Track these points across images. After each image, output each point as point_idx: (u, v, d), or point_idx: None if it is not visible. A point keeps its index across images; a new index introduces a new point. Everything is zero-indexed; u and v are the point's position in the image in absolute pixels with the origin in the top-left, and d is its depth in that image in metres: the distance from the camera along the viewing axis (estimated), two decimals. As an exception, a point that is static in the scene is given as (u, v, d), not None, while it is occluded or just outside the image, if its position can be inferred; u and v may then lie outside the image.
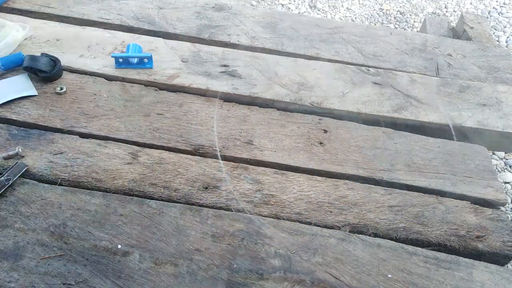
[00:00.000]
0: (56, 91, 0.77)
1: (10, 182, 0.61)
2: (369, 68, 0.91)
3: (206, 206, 0.62)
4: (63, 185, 0.63)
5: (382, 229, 0.62)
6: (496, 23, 2.30)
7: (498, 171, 1.57)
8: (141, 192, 0.63)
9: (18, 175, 0.62)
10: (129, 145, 0.70)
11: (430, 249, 0.60)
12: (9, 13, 0.94)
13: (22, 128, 0.70)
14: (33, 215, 0.58)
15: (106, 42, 0.89)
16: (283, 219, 0.62)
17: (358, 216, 0.63)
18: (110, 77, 0.82)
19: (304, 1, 2.36)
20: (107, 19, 0.97)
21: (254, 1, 2.33)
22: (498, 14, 2.38)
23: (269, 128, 0.75)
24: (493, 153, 1.60)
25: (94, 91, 0.78)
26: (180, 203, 0.62)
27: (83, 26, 0.93)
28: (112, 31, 0.93)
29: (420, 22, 2.27)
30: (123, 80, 0.82)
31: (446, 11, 2.40)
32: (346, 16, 2.31)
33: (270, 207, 0.63)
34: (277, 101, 0.81)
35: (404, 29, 2.23)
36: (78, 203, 0.60)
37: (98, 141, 0.70)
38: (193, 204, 0.63)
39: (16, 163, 0.64)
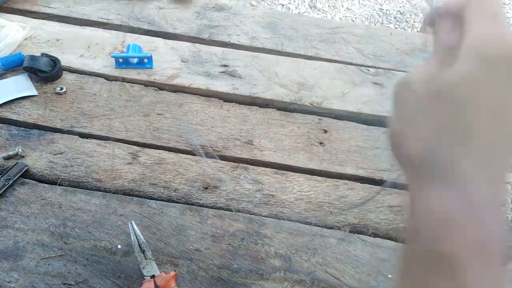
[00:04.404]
0: (56, 91, 0.77)
1: (10, 182, 0.61)
2: (369, 68, 0.91)
3: (206, 206, 0.62)
4: (63, 185, 0.63)
5: (382, 229, 0.62)
6: (496, 23, 2.30)
7: (498, 171, 1.57)
8: (141, 192, 0.63)
9: (18, 175, 0.62)
10: (129, 145, 0.70)
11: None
12: (9, 13, 0.94)
13: (22, 128, 0.70)
14: (33, 215, 0.58)
15: (106, 42, 0.89)
16: (283, 219, 0.62)
17: (358, 216, 0.63)
18: (110, 77, 0.82)
19: (304, 1, 2.36)
20: (107, 19, 0.97)
21: (254, 1, 2.33)
22: (498, 14, 2.38)
23: (269, 128, 0.75)
24: (493, 153, 1.60)
25: (94, 91, 0.78)
26: (180, 203, 0.62)
27: (83, 26, 0.93)
28: (112, 31, 0.93)
29: (420, 22, 2.27)
30: (123, 80, 0.82)
31: (446, 11, 2.40)
32: (346, 16, 2.31)
33: (270, 207, 0.63)
34: (277, 101, 0.81)
35: (404, 29, 2.23)
36: (78, 203, 0.60)
37: (98, 141, 0.70)
38: (193, 204, 0.63)
39: (16, 163, 0.64)
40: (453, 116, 0.22)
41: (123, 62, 0.83)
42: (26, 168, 0.63)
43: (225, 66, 0.87)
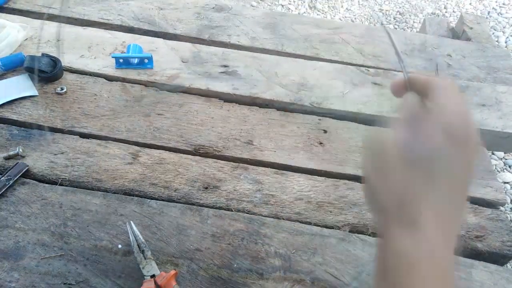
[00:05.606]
0: (57, 91, 0.77)
1: (11, 182, 0.61)
2: (369, 69, 0.91)
3: (206, 206, 0.63)
4: (63, 185, 0.63)
5: (382, 229, 0.62)
6: (496, 24, 2.30)
7: (498, 171, 1.57)
8: (142, 192, 0.63)
9: (19, 175, 0.62)
10: (129, 145, 0.70)
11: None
12: (10, 13, 0.94)
13: (22, 128, 0.70)
14: (34, 215, 0.58)
15: (107, 43, 0.89)
16: (283, 219, 0.62)
17: (358, 216, 0.63)
18: (111, 78, 0.82)
19: (304, 2, 2.36)
20: (108, 20, 0.97)
21: (254, 1, 2.34)
22: (498, 14, 2.38)
23: (269, 128, 0.76)
24: (493, 153, 1.61)
25: (95, 91, 0.78)
26: (180, 203, 0.63)
27: (84, 27, 0.93)
28: (113, 31, 0.93)
29: (419, 22, 2.28)
30: (123, 80, 0.82)
31: (446, 12, 2.40)
32: (345, 17, 2.31)
33: (270, 207, 0.63)
34: (277, 101, 0.81)
35: (404, 30, 2.23)
36: (79, 203, 0.60)
37: (98, 141, 0.70)
38: (193, 204, 0.63)
39: (17, 163, 0.64)
40: (421, 179, 0.28)
41: (123, 62, 0.83)
42: (26, 168, 0.63)
43: (225, 66, 0.87)
